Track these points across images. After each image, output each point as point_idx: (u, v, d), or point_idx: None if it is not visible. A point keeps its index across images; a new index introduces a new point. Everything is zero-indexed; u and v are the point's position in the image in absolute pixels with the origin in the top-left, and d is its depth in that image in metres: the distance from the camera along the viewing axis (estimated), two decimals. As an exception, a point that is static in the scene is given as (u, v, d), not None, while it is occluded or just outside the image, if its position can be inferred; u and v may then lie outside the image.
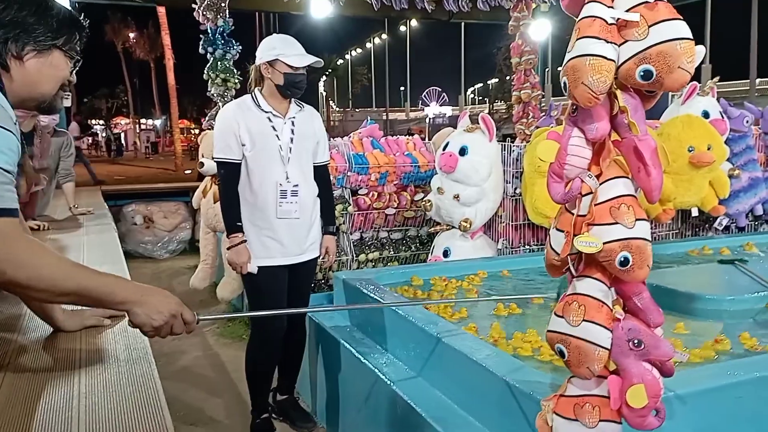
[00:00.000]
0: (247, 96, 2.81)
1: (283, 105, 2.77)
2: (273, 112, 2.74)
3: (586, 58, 1.20)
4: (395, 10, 6.80)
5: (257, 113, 2.73)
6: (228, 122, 2.70)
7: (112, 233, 3.62)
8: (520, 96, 6.57)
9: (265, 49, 2.73)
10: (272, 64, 2.69)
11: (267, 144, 2.70)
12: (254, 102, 2.75)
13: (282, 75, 2.68)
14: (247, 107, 2.75)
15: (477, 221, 3.91)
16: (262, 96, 2.76)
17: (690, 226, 4.76)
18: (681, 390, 1.69)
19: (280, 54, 2.67)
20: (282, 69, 2.68)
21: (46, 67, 1.35)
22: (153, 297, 1.36)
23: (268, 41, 2.77)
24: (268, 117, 2.73)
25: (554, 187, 1.32)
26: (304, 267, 2.88)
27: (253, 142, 2.69)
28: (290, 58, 2.67)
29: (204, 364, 3.99)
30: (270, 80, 2.71)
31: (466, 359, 2.07)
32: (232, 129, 2.68)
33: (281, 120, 2.74)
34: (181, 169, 19.04)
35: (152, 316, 1.34)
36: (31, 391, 1.37)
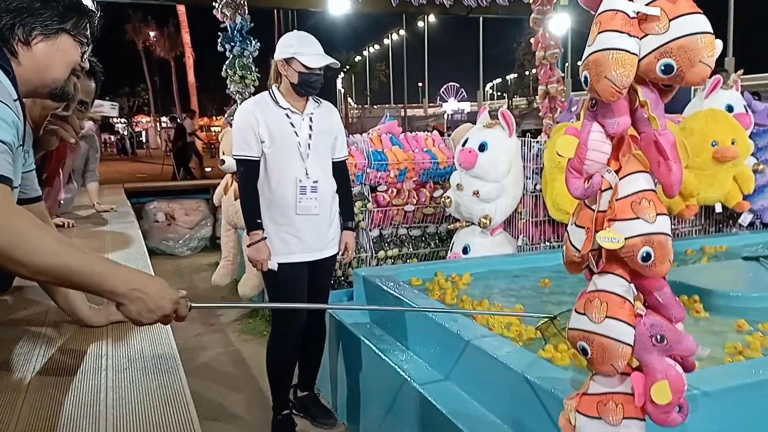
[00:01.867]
0: (265, 93, 2.82)
1: (300, 102, 2.78)
2: (291, 109, 2.75)
3: (609, 52, 1.19)
4: (413, 6, 6.79)
5: (275, 110, 2.74)
6: (246, 119, 2.71)
7: (135, 230, 3.66)
8: (548, 90, 6.49)
9: (282, 46, 2.73)
10: (288, 62, 2.69)
11: (286, 140, 2.71)
12: (272, 98, 2.76)
13: (297, 74, 2.68)
14: (265, 104, 2.76)
15: (497, 218, 3.89)
16: (279, 92, 2.77)
17: (714, 222, 4.69)
18: (706, 387, 1.67)
19: (296, 53, 2.67)
20: (297, 68, 2.67)
21: (54, 52, 1.34)
22: (146, 294, 1.22)
23: (286, 38, 2.77)
24: (287, 113, 2.74)
25: (573, 182, 1.31)
26: (324, 263, 2.88)
27: (272, 138, 2.70)
28: (306, 57, 2.66)
29: (225, 360, 4.03)
30: (286, 78, 2.73)
31: (487, 356, 2.06)
32: (250, 126, 2.69)
33: (299, 116, 2.75)
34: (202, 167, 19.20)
35: (143, 315, 1.23)
36: (59, 386, 1.40)
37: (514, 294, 3.03)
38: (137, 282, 1.22)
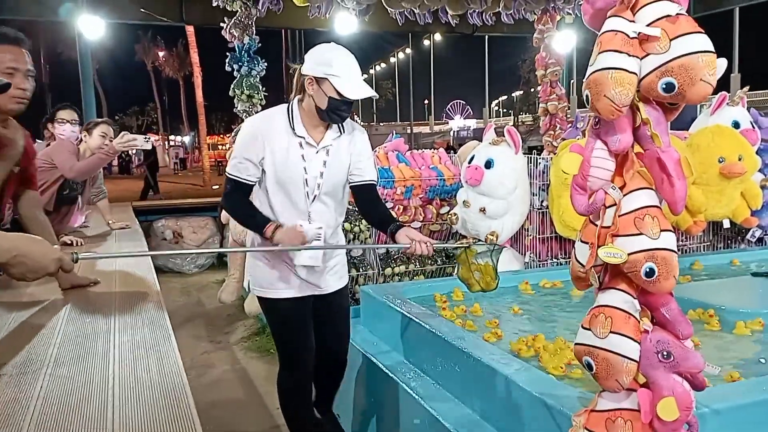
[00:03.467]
0: (282, 110, 2.33)
1: (319, 128, 2.32)
2: (306, 138, 2.29)
3: (608, 72, 1.21)
4: (419, 25, 6.85)
5: (288, 137, 2.29)
6: (251, 138, 2.28)
7: (143, 248, 3.69)
8: (547, 108, 6.54)
9: (316, 61, 2.23)
10: (319, 81, 2.21)
11: (292, 175, 2.29)
12: (288, 121, 2.30)
13: (327, 98, 2.21)
14: (277, 126, 2.29)
15: (503, 234, 3.90)
16: (299, 113, 2.31)
17: (722, 238, 4.67)
18: (716, 405, 1.66)
19: (332, 74, 2.19)
20: (329, 92, 2.20)
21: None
22: (28, 257, 1.40)
23: (324, 53, 2.25)
24: (300, 143, 2.29)
25: (578, 198, 1.32)
26: (332, 297, 2.52)
27: (275, 169, 2.28)
28: (343, 84, 2.19)
29: (232, 378, 4.03)
30: (311, 98, 2.25)
31: (495, 374, 2.06)
32: (254, 147, 2.26)
33: (314, 149, 2.31)
34: (209, 185, 19.33)
35: (26, 275, 1.42)
36: (66, 404, 1.41)
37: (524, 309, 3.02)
38: (18, 249, 1.39)
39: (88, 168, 3.64)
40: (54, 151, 3.66)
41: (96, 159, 3.63)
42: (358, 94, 2.22)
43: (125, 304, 2.29)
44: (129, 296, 2.41)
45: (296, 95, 2.34)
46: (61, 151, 3.64)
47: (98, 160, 3.63)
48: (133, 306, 2.27)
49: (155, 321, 2.06)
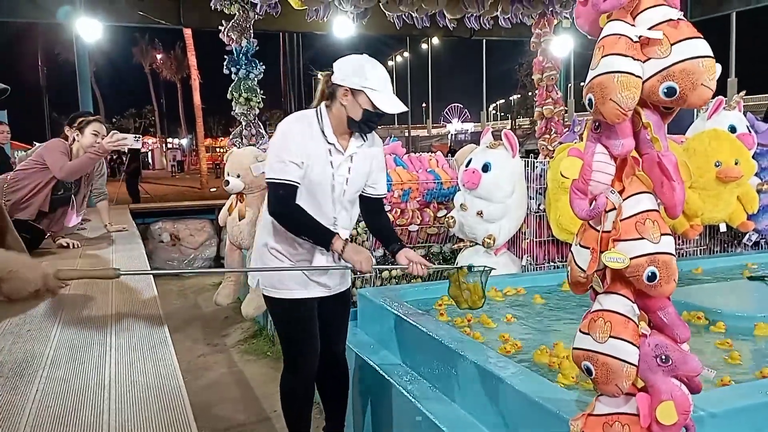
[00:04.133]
0: (311, 115, 2.33)
1: (344, 136, 2.33)
2: (336, 145, 2.31)
3: (614, 75, 1.21)
4: (417, 29, 6.86)
5: (320, 142, 2.29)
6: (292, 140, 2.26)
7: (139, 251, 3.68)
8: (543, 112, 6.57)
9: (352, 72, 2.24)
10: (355, 93, 2.23)
11: (322, 181, 2.30)
12: (319, 126, 2.30)
13: (361, 110, 2.23)
14: (312, 131, 2.30)
15: (501, 237, 3.90)
16: (329, 120, 2.31)
17: (718, 241, 4.68)
18: (713, 408, 1.66)
19: (370, 87, 2.21)
20: (364, 104, 2.22)
21: None
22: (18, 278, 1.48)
23: (360, 64, 2.26)
24: (329, 149, 2.31)
25: (578, 203, 1.32)
26: (337, 298, 2.56)
27: (306, 173, 2.27)
28: (381, 98, 2.22)
29: (229, 381, 4.02)
30: (343, 107, 2.26)
31: (492, 377, 2.05)
32: (296, 149, 2.24)
33: (341, 156, 2.32)
34: (207, 187, 19.33)
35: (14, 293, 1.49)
36: (62, 407, 1.40)
37: (519, 313, 3.02)
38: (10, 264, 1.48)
39: (77, 168, 3.58)
40: (46, 151, 3.62)
41: (86, 159, 3.58)
42: (393, 108, 2.24)
43: (122, 307, 2.29)
44: (126, 299, 2.41)
45: (322, 101, 2.34)
46: (52, 151, 3.59)
47: (88, 160, 3.58)
48: (129, 309, 2.27)
49: (152, 324, 2.05)
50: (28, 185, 3.53)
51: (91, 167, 3.76)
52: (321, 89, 2.33)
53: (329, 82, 2.30)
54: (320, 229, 2.28)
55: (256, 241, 2.56)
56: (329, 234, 2.26)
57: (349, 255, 2.25)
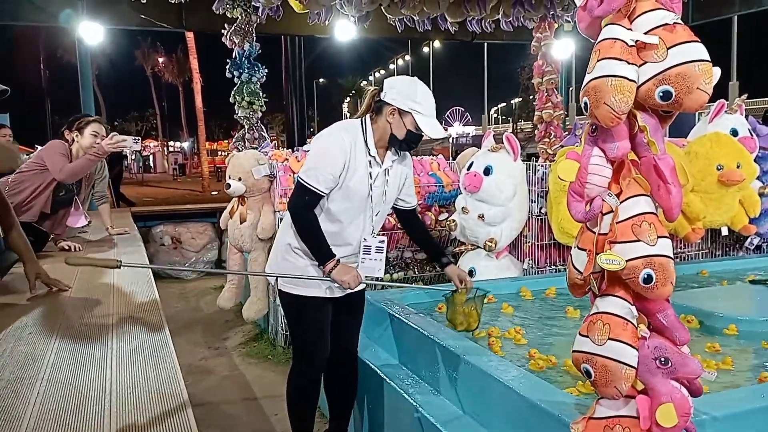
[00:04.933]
0: (357, 125, 2.42)
1: (381, 149, 2.43)
2: (376, 158, 2.41)
3: (608, 79, 1.22)
4: (419, 32, 6.87)
5: (363, 153, 2.38)
6: (339, 152, 2.33)
7: (141, 254, 3.69)
8: (542, 116, 6.56)
9: (403, 94, 2.34)
10: (402, 113, 2.34)
11: (360, 191, 2.38)
12: (363, 138, 2.40)
13: (406, 130, 2.35)
14: (358, 142, 2.38)
15: (502, 241, 3.90)
16: (372, 133, 2.40)
17: (720, 245, 4.68)
18: (715, 412, 1.66)
19: (417, 112, 2.32)
20: (409, 125, 2.34)
21: None
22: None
23: (412, 87, 2.36)
24: (370, 161, 2.40)
25: (575, 206, 1.33)
26: (354, 297, 2.57)
27: (346, 183, 2.36)
28: (426, 122, 2.33)
29: (230, 384, 4.01)
30: (388, 124, 2.36)
31: (493, 381, 2.05)
32: (339, 162, 2.32)
33: (379, 168, 2.42)
34: (208, 191, 19.34)
35: None
36: (63, 410, 1.40)
37: (521, 316, 3.02)
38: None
39: (77, 170, 3.57)
40: (45, 152, 3.62)
41: (84, 160, 3.58)
42: (436, 133, 2.36)
43: (123, 310, 2.29)
44: (127, 302, 2.41)
45: (366, 114, 2.44)
46: (52, 153, 3.59)
47: (87, 162, 3.58)
48: (131, 312, 2.27)
49: (153, 327, 2.06)
50: (29, 187, 3.53)
51: (91, 168, 3.76)
52: (367, 103, 2.44)
53: (377, 97, 2.41)
54: (322, 245, 2.37)
55: (278, 239, 2.59)
56: (327, 255, 2.36)
57: (336, 275, 2.34)
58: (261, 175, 4.32)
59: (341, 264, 2.36)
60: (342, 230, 2.42)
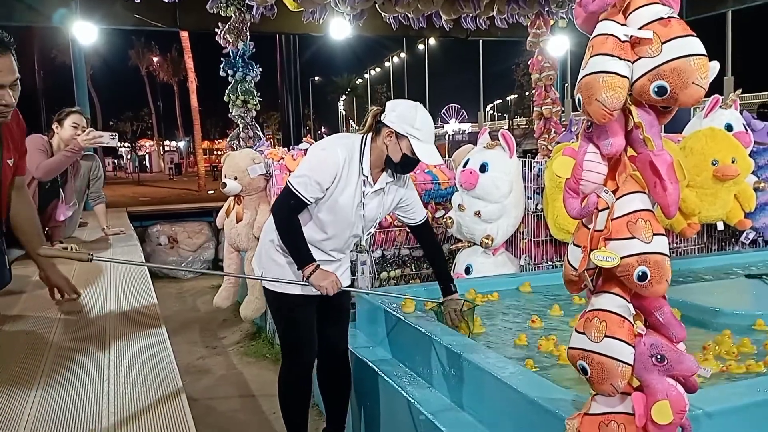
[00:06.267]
0: (355, 143, 2.43)
1: (377, 170, 2.44)
2: (369, 178, 2.42)
3: (599, 75, 1.21)
4: (413, 29, 6.86)
5: (356, 172, 2.40)
6: (332, 167, 2.35)
7: (137, 254, 3.68)
8: (542, 112, 6.57)
9: (403, 118, 2.33)
10: (399, 136, 2.34)
11: (346, 205, 2.41)
12: (360, 157, 2.40)
13: (402, 154, 2.35)
14: (354, 160, 2.40)
15: (498, 237, 3.90)
16: (369, 152, 2.41)
17: (716, 240, 4.69)
18: (709, 407, 1.66)
19: (414, 137, 2.32)
20: (405, 149, 2.34)
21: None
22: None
23: (412, 112, 2.35)
24: (363, 181, 2.42)
25: (570, 202, 1.33)
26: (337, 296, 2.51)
27: (335, 198, 2.38)
28: (422, 148, 2.33)
29: (228, 383, 4.02)
30: (385, 146, 2.37)
31: (490, 377, 2.06)
32: (329, 176, 2.34)
33: (371, 189, 2.44)
34: (204, 190, 19.32)
35: None
36: (60, 411, 1.40)
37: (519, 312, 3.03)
38: None
39: (53, 167, 3.53)
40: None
41: (61, 157, 3.52)
42: (431, 160, 2.36)
43: (120, 310, 2.29)
44: (124, 302, 2.41)
45: (368, 133, 2.44)
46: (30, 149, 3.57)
47: (64, 158, 3.53)
48: (128, 312, 2.27)
49: (150, 327, 2.06)
50: None
51: (68, 164, 3.70)
52: (369, 122, 2.45)
53: (378, 117, 2.41)
54: (302, 250, 2.39)
55: (262, 237, 2.62)
56: (307, 258, 2.37)
57: (315, 280, 2.36)
58: (257, 173, 4.31)
59: (320, 269, 2.37)
60: (327, 240, 2.47)
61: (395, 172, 2.46)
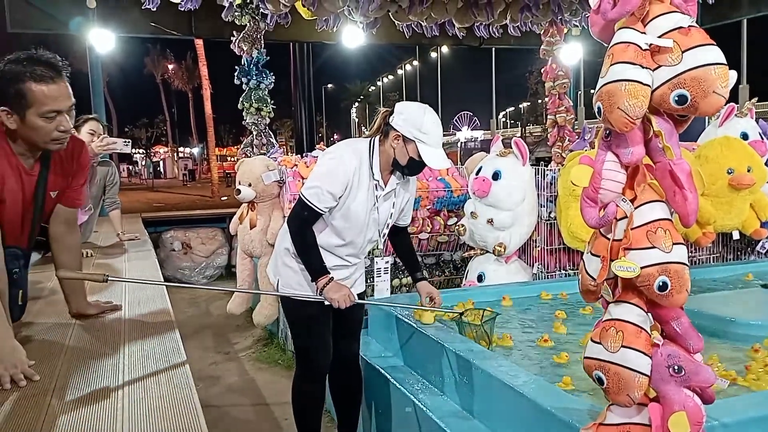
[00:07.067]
0: (364, 147, 2.42)
1: (386, 172, 2.44)
2: (380, 183, 2.42)
3: (621, 83, 1.21)
4: (426, 38, 6.88)
5: (367, 177, 2.40)
6: (342, 175, 2.34)
7: (152, 259, 3.70)
8: (556, 120, 6.56)
9: (410, 122, 2.32)
10: (406, 140, 2.33)
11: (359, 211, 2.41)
12: (369, 162, 2.40)
13: (408, 157, 2.34)
14: (363, 166, 2.39)
15: (511, 245, 3.89)
16: (378, 155, 2.40)
17: (731, 249, 4.64)
18: (726, 418, 1.64)
19: (421, 141, 2.30)
20: (412, 153, 2.33)
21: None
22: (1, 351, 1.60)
23: (420, 115, 2.33)
24: (375, 185, 2.42)
25: (588, 211, 1.32)
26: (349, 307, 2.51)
27: (348, 205, 2.38)
28: (429, 152, 2.31)
29: (241, 389, 4.02)
30: (393, 149, 2.36)
31: (503, 386, 2.05)
32: (340, 185, 2.34)
33: (383, 192, 2.44)
34: (218, 196, 19.44)
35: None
36: (76, 416, 1.41)
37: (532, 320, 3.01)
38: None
39: None
40: None
41: None
42: (438, 164, 2.35)
43: (135, 316, 2.30)
44: (139, 307, 2.42)
45: (376, 135, 2.43)
46: None
47: None
48: (142, 318, 2.28)
49: (165, 333, 2.07)
50: None
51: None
52: (378, 124, 2.44)
53: (386, 119, 2.40)
54: (316, 261, 2.39)
55: (277, 244, 2.64)
56: (320, 270, 2.38)
57: (327, 293, 2.36)
58: (271, 180, 4.33)
59: (333, 282, 2.37)
60: (343, 246, 2.47)
61: (402, 175, 2.47)
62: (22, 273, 2.01)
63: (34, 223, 2.05)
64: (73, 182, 2.14)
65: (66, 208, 2.15)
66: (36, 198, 2.00)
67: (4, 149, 1.88)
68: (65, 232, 2.17)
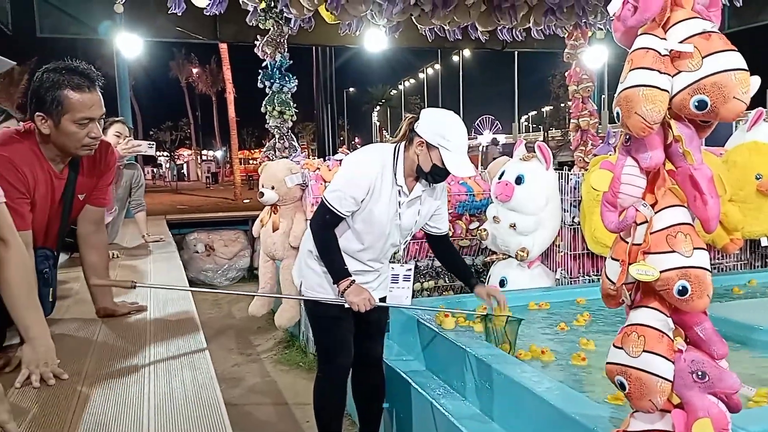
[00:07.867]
0: (388, 153, 2.42)
1: (410, 179, 2.43)
2: (403, 189, 2.41)
3: (639, 89, 1.21)
4: (449, 41, 6.88)
5: (391, 184, 2.40)
6: (364, 180, 2.35)
7: (176, 261, 3.75)
8: (579, 124, 6.51)
9: (433, 129, 2.31)
10: (430, 147, 2.31)
11: (381, 217, 2.41)
12: (393, 168, 2.39)
13: (432, 164, 2.33)
14: (386, 172, 2.39)
15: (534, 250, 3.87)
16: (402, 161, 2.39)
17: (759, 256, 4.56)
18: (753, 427, 1.62)
19: (445, 148, 2.29)
20: (436, 160, 2.32)
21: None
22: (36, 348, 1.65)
23: (444, 123, 2.34)
24: (398, 191, 2.42)
25: (608, 216, 1.32)
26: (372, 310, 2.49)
27: (370, 210, 2.39)
28: (452, 160, 2.29)
29: (262, 391, 4.05)
30: (416, 155, 2.35)
31: (527, 392, 2.04)
32: (362, 189, 2.34)
33: (406, 198, 2.43)
34: (240, 198, 19.61)
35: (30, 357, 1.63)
36: (102, 415, 1.44)
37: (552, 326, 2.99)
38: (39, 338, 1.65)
39: None
40: None
41: None
42: (462, 172, 2.32)
43: (159, 317, 2.34)
44: (163, 308, 2.46)
45: (402, 141, 2.43)
46: None
47: None
48: (167, 318, 2.32)
49: (189, 333, 2.10)
50: None
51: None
52: (404, 131, 2.43)
53: (412, 125, 2.39)
54: (338, 264, 2.41)
55: (301, 246, 2.66)
56: (342, 273, 2.40)
57: (348, 296, 2.38)
58: (294, 183, 4.37)
59: (355, 285, 2.39)
60: (364, 250, 2.48)
61: (426, 181, 2.45)
62: (52, 272, 2.10)
63: (62, 225, 2.12)
64: (100, 182, 2.21)
65: (94, 207, 2.22)
66: (64, 201, 2.08)
67: (36, 155, 1.96)
68: (93, 232, 2.24)
